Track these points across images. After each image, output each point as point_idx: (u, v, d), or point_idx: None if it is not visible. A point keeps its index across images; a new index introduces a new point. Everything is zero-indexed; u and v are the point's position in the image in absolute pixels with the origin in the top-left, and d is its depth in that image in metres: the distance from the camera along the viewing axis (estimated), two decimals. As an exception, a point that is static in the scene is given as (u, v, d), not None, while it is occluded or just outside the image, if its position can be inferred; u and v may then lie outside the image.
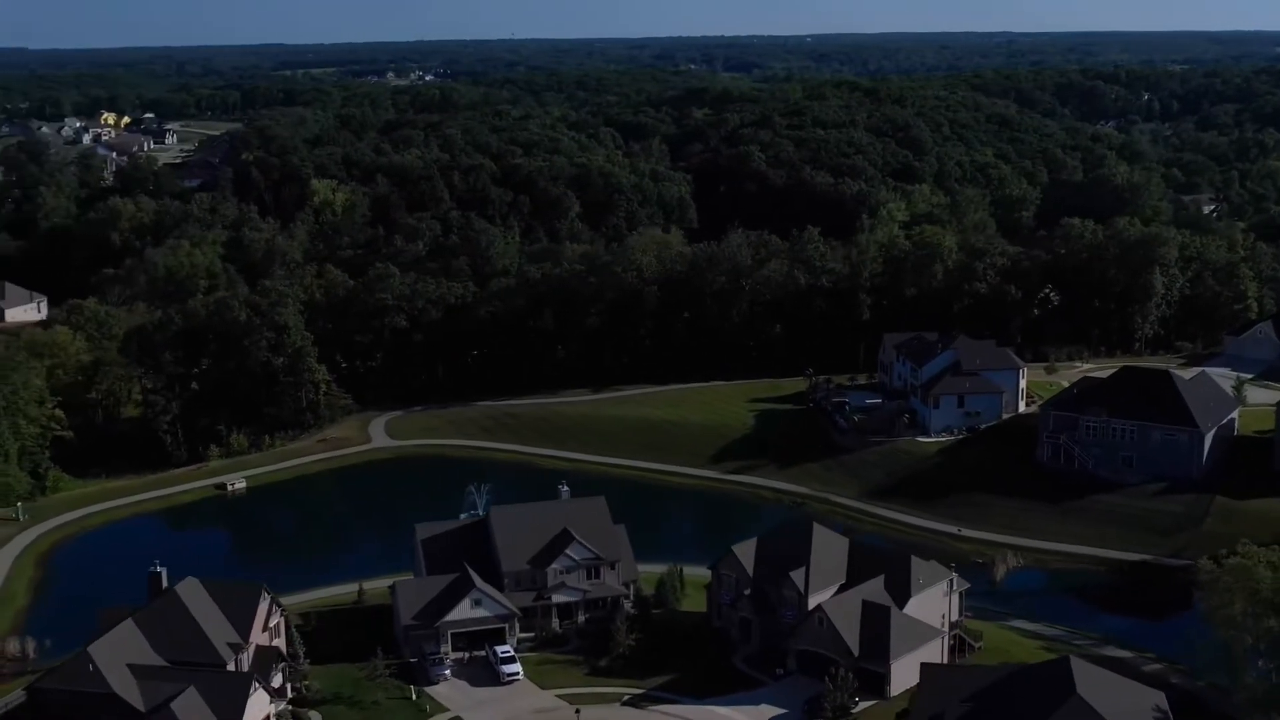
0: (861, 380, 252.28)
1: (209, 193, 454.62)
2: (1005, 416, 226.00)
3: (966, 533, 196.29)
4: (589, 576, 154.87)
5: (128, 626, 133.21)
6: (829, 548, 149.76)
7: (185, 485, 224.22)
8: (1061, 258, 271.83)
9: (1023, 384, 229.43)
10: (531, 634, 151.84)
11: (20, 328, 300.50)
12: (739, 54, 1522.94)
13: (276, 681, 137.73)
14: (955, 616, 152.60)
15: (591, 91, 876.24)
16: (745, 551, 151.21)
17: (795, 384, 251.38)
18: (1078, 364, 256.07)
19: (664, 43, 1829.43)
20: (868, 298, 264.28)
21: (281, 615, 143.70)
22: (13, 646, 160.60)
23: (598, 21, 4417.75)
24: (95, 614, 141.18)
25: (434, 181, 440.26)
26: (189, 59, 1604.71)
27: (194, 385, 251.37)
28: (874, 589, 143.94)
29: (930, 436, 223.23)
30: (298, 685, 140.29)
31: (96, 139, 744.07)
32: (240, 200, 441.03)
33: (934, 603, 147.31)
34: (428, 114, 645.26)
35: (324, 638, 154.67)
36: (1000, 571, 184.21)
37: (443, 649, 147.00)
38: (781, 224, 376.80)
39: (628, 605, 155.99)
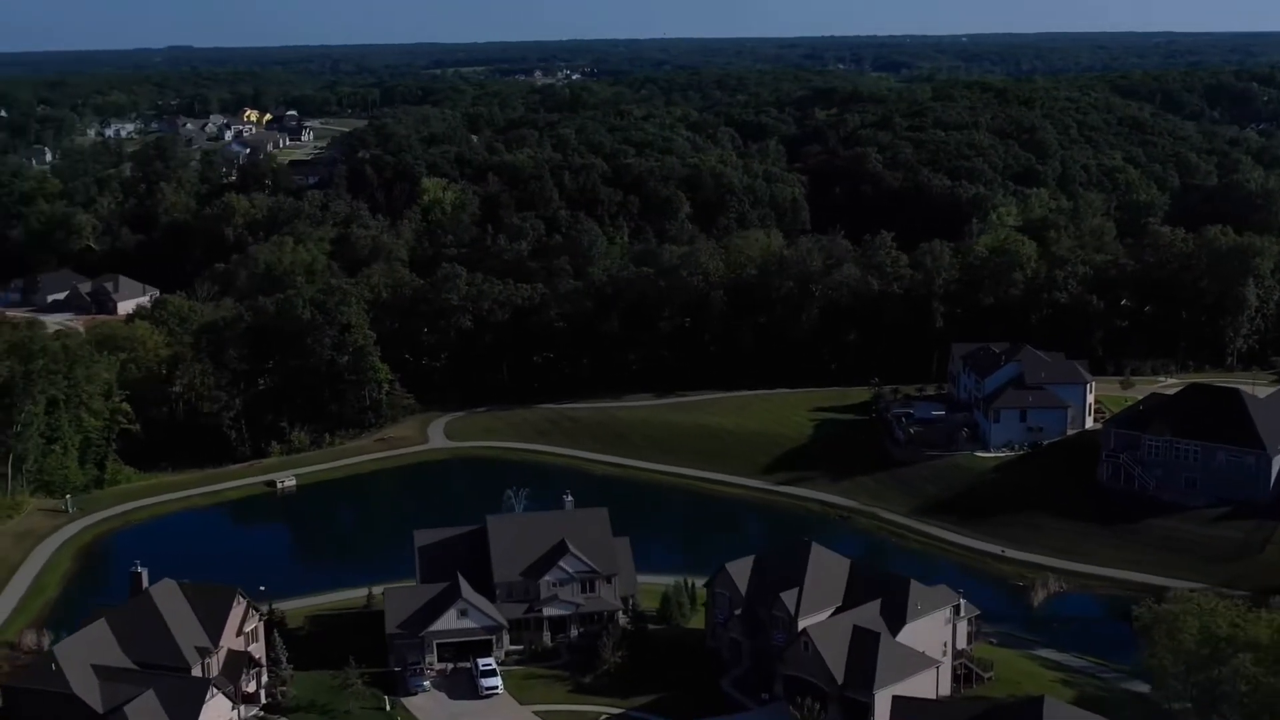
0: (930, 391, 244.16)
1: (322, 190, 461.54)
2: (1070, 433, 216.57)
3: (1011, 554, 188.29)
4: (584, 590, 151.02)
5: (99, 626, 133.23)
6: (827, 569, 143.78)
7: (236, 482, 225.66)
8: (1149, 267, 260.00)
9: (1090, 399, 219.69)
10: (520, 647, 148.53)
11: (100, 321, 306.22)
12: (889, 53, 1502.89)
13: (251, 687, 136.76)
14: (962, 644, 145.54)
15: (728, 91, 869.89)
16: (740, 569, 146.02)
17: (863, 393, 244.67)
18: (1161, 378, 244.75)
19: (815, 42, 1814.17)
20: (941, 305, 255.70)
21: (260, 620, 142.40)
22: (29, 639, 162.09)
23: (751, 20, 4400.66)
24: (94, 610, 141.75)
25: (544, 181, 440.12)
26: (344, 57, 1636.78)
27: (261, 382, 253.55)
28: (868, 614, 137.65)
29: (990, 451, 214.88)
30: (273, 691, 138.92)
31: (236, 135, 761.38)
32: (354, 197, 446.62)
33: (934, 630, 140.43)
34: (553, 113, 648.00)
35: (323, 642, 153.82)
36: (1039, 596, 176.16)
37: (428, 659, 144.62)
38: (894, 227, 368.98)
39: (624, 620, 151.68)
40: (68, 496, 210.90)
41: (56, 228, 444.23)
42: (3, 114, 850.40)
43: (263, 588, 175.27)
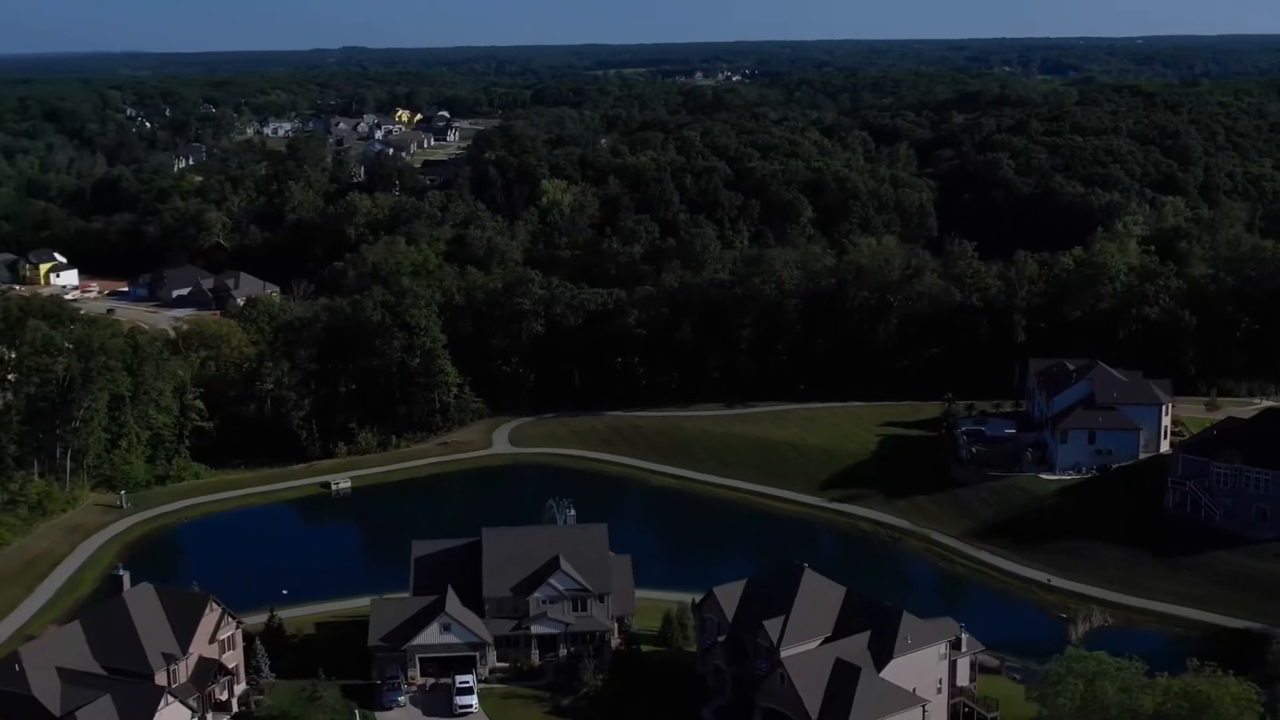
0: (1008, 408, 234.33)
1: (445, 190, 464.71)
2: (1142, 456, 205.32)
3: (1057, 583, 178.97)
4: (575, 609, 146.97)
5: (73, 629, 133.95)
6: (819, 597, 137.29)
7: (294, 482, 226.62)
8: (1251, 281, 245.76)
9: (1166, 421, 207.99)
10: (506, 664, 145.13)
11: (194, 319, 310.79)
12: (1058, 56, 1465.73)
13: (224, 695, 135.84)
14: (964, 681, 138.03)
15: (881, 94, 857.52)
16: (729, 594, 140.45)
17: (936, 409, 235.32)
18: (1257, 400, 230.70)
19: (985, 44, 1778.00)
20: (1023, 318, 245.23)
21: (238, 627, 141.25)
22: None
23: (920, 22, 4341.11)
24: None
25: (664, 184, 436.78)
26: (509, 58, 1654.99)
27: (343, 384, 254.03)
28: (854, 646, 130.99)
29: (1055, 474, 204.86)
30: (246, 700, 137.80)
31: (386, 135, 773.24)
32: (476, 198, 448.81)
33: (927, 665, 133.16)
34: (691, 115, 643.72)
35: (323, 650, 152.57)
36: (1079, 629, 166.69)
37: (410, 673, 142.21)
38: (1023, 235, 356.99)
39: (616, 641, 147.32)
40: (122, 493, 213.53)
41: (189, 224, 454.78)
42: (167, 112, 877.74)
43: (285, 591, 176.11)
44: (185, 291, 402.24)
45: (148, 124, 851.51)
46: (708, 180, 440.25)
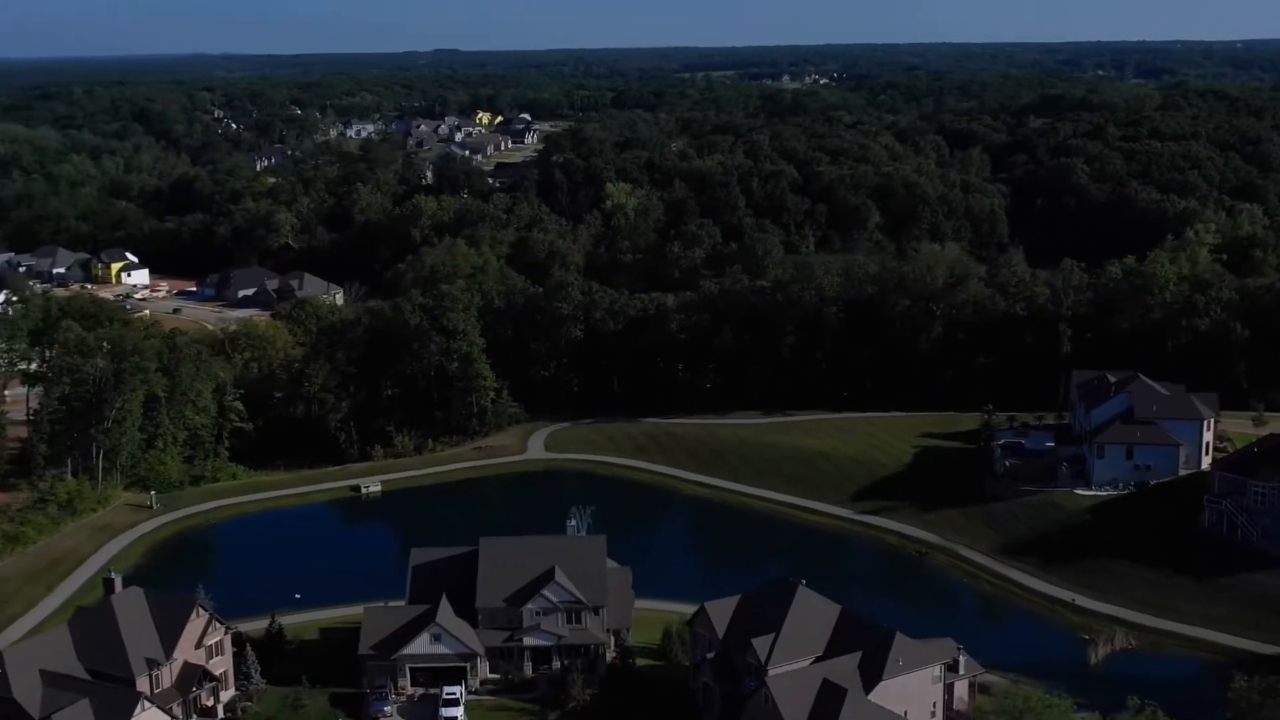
0: (1050, 420, 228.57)
1: (510, 193, 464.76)
2: (1183, 473, 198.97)
3: (1082, 602, 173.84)
4: (569, 621, 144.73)
5: (61, 631, 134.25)
6: (811, 615, 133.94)
7: (325, 484, 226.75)
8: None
9: (1208, 437, 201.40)
10: (498, 676, 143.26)
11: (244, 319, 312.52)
12: (1154, 59, 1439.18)
13: (210, 701, 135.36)
14: (961, 705, 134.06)
15: (970, 97, 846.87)
16: (721, 610, 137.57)
17: (976, 420, 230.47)
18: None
19: (1079, 47, 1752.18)
20: (1068, 328, 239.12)
21: (226, 633, 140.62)
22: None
23: (1014, 25, 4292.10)
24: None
25: (730, 188, 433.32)
26: (598, 60, 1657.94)
27: (383, 387, 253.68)
28: (843, 667, 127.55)
29: (1091, 489, 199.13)
30: (232, 706, 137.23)
31: (466, 137, 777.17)
32: (543, 201, 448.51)
33: (920, 688, 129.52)
34: (768, 119, 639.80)
35: (322, 657, 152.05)
36: (1100, 652, 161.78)
37: (401, 683, 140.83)
38: (1095, 242, 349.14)
39: (610, 654, 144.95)
40: (152, 493, 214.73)
41: (259, 225, 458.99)
42: (253, 114, 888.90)
43: (298, 595, 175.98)
44: (250, 292, 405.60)
45: (233, 125, 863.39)
46: (774, 184, 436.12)
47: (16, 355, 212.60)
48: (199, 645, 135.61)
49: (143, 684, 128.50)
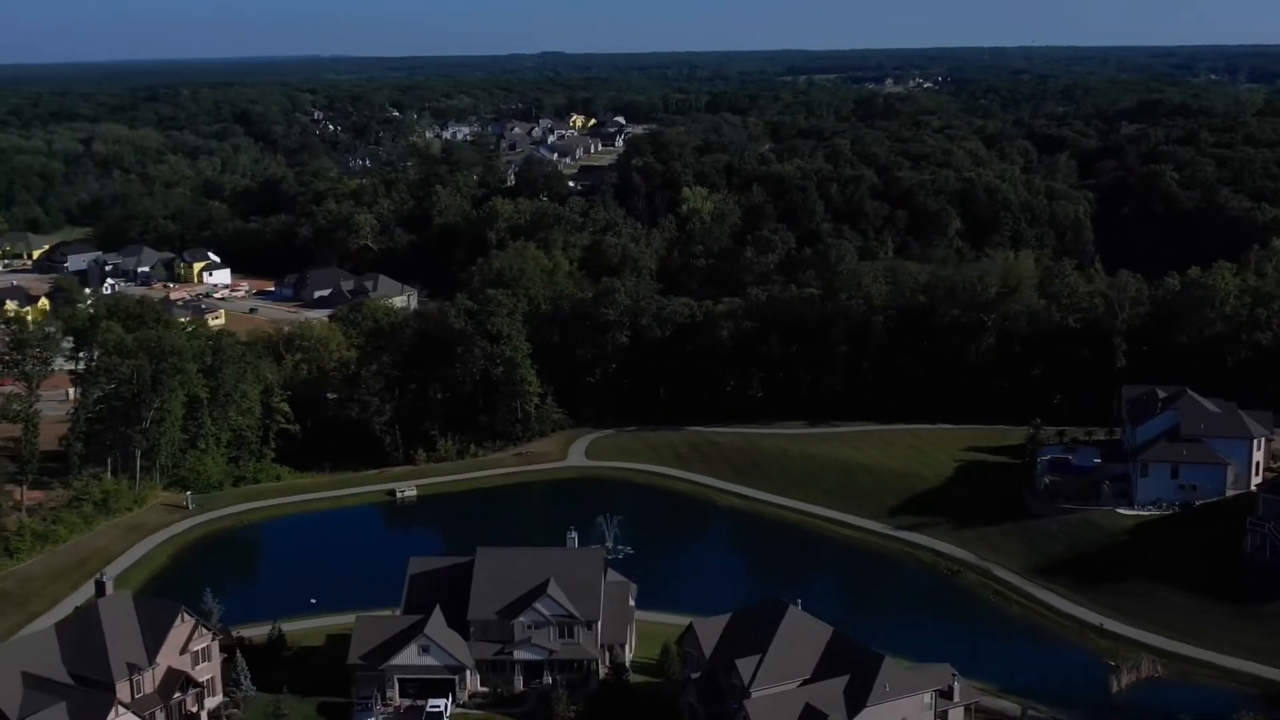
0: (1100, 436, 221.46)
1: (589, 196, 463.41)
2: (1230, 493, 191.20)
3: (1114, 627, 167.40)
4: (561, 635, 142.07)
5: (48, 634, 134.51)
6: (801, 636, 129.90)
7: (361, 488, 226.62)
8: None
9: (1259, 456, 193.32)
10: (487, 690, 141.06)
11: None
12: (1269, 64, 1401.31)
13: (194, 707, 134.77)
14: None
15: (1072, 102, 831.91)
16: (709, 629, 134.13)
17: (1024, 434, 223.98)
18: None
19: (1193, 51, 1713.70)
20: (1123, 341, 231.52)
21: (214, 639, 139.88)
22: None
23: (1127, 29, 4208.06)
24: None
25: (808, 192, 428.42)
26: (703, 63, 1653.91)
27: (432, 390, 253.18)
28: (828, 691, 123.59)
29: (1134, 509, 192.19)
30: (219, 714, 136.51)
31: (559, 139, 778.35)
32: (620, 204, 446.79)
33: (909, 715, 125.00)
34: (858, 122, 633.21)
35: (320, 664, 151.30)
36: (1123, 679, 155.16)
37: (389, 693, 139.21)
38: (1182, 251, 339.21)
39: (603, 670, 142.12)
40: (188, 493, 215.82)
41: (339, 226, 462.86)
42: (352, 116, 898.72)
43: (313, 600, 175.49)
44: (326, 292, 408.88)
45: (331, 127, 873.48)
46: (854, 189, 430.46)
47: (51, 355, 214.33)
48: (184, 651, 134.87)
49: (123, 689, 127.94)
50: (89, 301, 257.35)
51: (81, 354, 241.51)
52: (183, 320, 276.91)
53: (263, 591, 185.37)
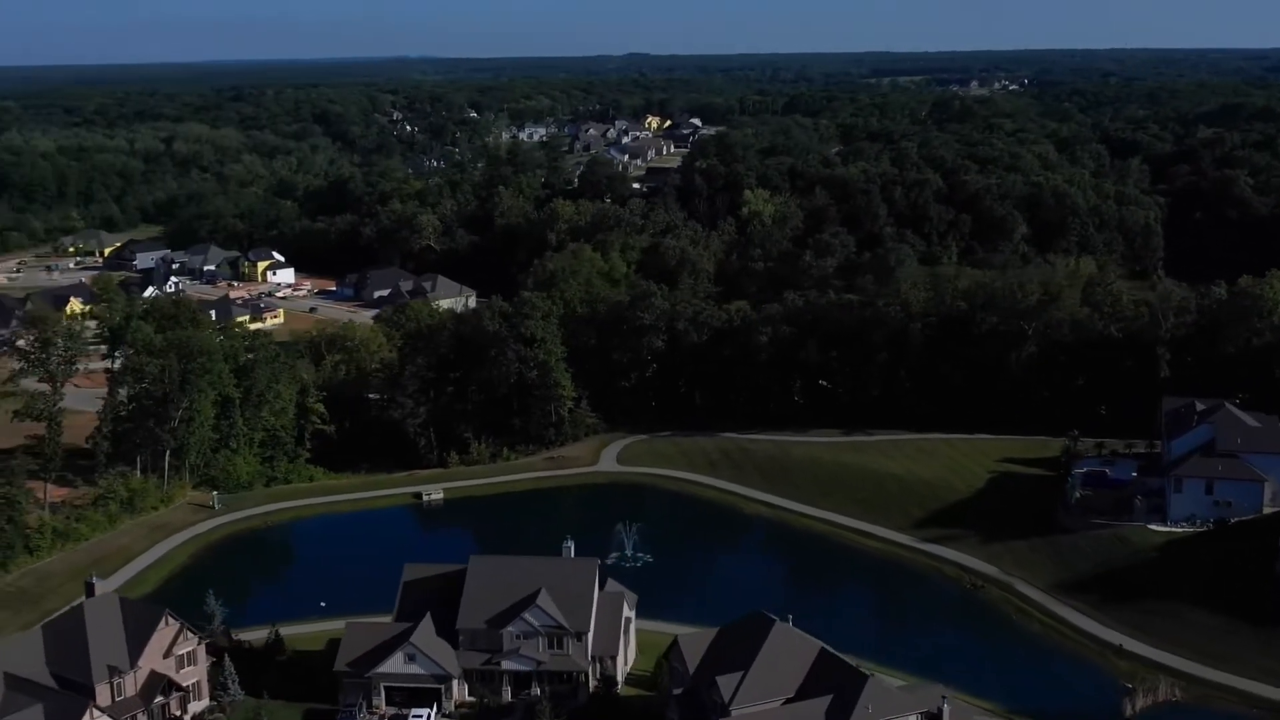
0: (1140, 449, 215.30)
1: (650, 198, 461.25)
2: (1268, 511, 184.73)
3: (1135, 648, 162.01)
4: (550, 646, 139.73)
5: (34, 635, 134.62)
6: (787, 653, 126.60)
7: (389, 490, 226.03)
8: None
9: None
10: (474, 700, 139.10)
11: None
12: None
13: (178, 711, 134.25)
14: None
15: (1159, 105, 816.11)
16: (695, 645, 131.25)
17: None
18: None
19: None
20: (1166, 352, 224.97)
21: (200, 643, 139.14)
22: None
23: (1221, 31, 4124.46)
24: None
25: (872, 196, 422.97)
26: (787, 65, 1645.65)
27: (466, 393, 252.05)
28: (808, 711, 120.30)
29: (1167, 525, 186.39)
30: (202, 717, 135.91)
31: (632, 140, 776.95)
32: (682, 206, 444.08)
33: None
34: (934, 125, 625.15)
35: (317, 669, 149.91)
36: (1138, 703, 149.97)
37: (375, 701, 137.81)
38: (1255, 259, 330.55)
39: (593, 683, 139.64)
40: (214, 493, 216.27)
41: (403, 226, 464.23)
42: (430, 117, 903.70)
43: (323, 604, 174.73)
44: (386, 292, 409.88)
45: (408, 127, 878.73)
46: (918, 193, 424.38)
47: (77, 354, 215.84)
48: (167, 655, 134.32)
49: (103, 692, 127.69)
50: (122, 301, 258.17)
51: (116, 354, 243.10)
52: (235, 320, 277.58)
53: (274, 594, 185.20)
